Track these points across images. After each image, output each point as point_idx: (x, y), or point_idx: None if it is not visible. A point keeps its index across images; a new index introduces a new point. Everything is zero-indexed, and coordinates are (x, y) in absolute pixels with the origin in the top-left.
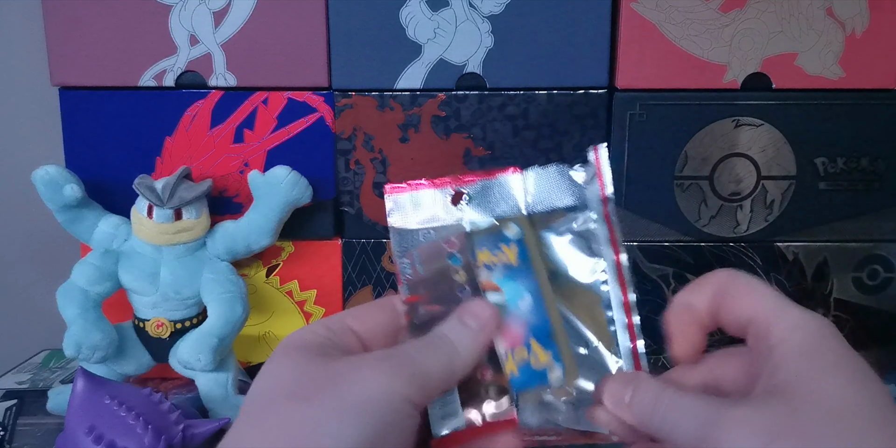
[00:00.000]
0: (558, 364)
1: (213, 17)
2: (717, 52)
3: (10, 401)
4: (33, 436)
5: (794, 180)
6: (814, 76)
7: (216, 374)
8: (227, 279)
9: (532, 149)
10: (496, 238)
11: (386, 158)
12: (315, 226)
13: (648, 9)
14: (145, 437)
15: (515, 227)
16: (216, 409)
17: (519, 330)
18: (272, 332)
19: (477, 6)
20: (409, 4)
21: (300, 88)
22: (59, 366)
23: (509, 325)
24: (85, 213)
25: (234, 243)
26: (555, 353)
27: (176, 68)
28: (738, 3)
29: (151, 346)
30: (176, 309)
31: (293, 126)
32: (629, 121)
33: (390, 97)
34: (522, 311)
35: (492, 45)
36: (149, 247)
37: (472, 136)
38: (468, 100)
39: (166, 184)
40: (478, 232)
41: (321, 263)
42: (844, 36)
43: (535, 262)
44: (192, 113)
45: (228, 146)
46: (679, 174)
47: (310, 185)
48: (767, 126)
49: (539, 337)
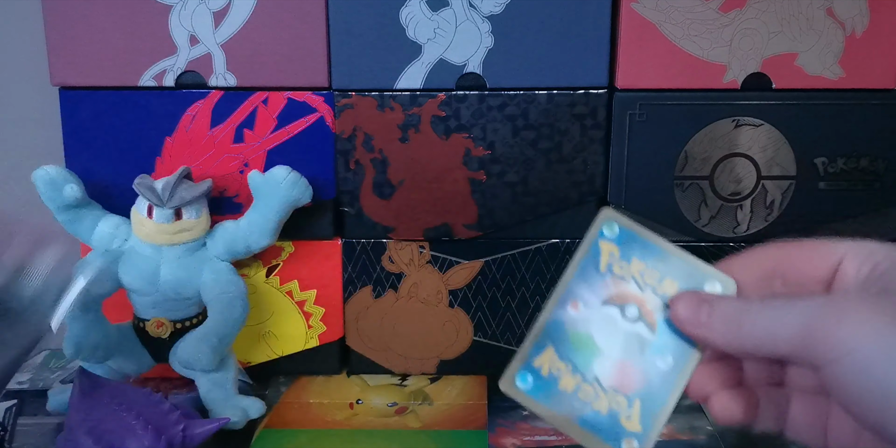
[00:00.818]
0: (638, 443)
1: (213, 17)
2: (717, 52)
3: (10, 401)
4: (33, 436)
5: (794, 180)
6: (814, 76)
7: (216, 374)
8: (227, 279)
9: (532, 149)
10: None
11: (386, 158)
12: (315, 226)
13: (648, 9)
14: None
15: (719, 287)
16: (216, 409)
17: (638, 379)
18: (272, 332)
19: (477, 6)
20: (409, 4)
21: (300, 88)
22: (59, 366)
23: (634, 366)
24: (85, 213)
25: (234, 243)
26: (646, 430)
27: (176, 68)
28: (738, 3)
29: (151, 346)
30: (176, 309)
31: (293, 126)
32: (629, 121)
33: (390, 97)
34: (653, 367)
35: (492, 45)
36: (149, 247)
37: (472, 136)
38: (468, 100)
39: (166, 184)
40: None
41: (321, 263)
42: (844, 36)
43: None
44: (192, 113)
45: (228, 146)
46: (679, 174)
47: (310, 185)
48: (767, 126)
49: (645, 405)
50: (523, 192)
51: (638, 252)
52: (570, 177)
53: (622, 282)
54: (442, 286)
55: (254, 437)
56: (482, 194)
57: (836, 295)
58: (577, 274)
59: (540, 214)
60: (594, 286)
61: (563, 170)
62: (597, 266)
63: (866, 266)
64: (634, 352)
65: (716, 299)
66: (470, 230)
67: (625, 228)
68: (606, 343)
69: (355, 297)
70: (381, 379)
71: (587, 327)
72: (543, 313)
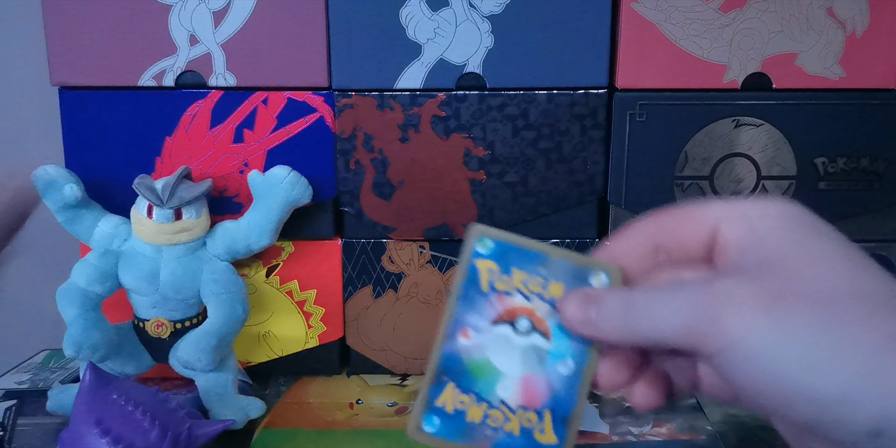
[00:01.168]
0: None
1: (213, 16)
2: (717, 52)
3: (10, 401)
4: (33, 436)
5: (794, 180)
6: (814, 76)
7: (216, 374)
8: (227, 279)
9: (532, 149)
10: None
11: (386, 158)
12: (315, 226)
13: (648, 9)
14: (152, 432)
15: (604, 278)
16: (216, 410)
17: (541, 391)
18: (272, 332)
19: (477, 6)
20: (409, 4)
21: (300, 88)
22: (59, 366)
23: (537, 379)
24: (85, 213)
25: (234, 243)
26: (561, 439)
27: (176, 68)
28: (738, 3)
29: (151, 346)
30: (176, 309)
31: (293, 126)
32: (629, 121)
33: (390, 97)
34: (555, 375)
35: (492, 45)
36: (149, 247)
37: (472, 136)
38: (468, 100)
39: (166, 184)
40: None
41: (321, 263)
42: (844, 36)
43: None
44: (191, 113)
45: (228, 146)
46: (679, 174)
47: (310, 185)
48: (767, 126)
49: (556, 414)
50: (523, 192)
51: (516, 262)
52: (570, 177)
53: (507, 297)
54: (442, 286)
55: (254, 437)
56: (482, 194)
57: (714, 282)
58: (460, 301)
59: (540, 214)
60: (480, 309)
61: (563, 170)
62: (478, 288)
63: (741, 231)
64: (534, 364)
65: (601, 295)
66: None
67: (498, 241)
68: (505, 363)
69: (355, 297)
70: (381, 379)
71: (482, 353)
72: (434, 350)
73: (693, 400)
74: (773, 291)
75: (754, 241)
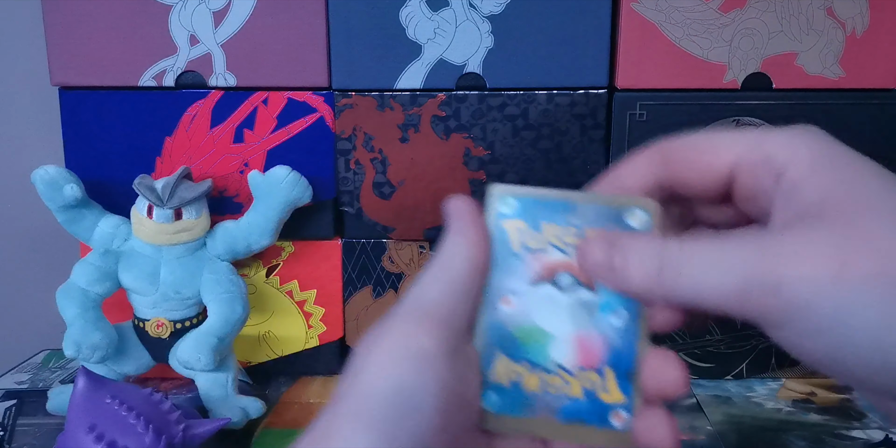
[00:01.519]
0: (626, 413)
1: (213, 17)
2: (717, 52)
3: (10, 401)
4: (33, 436)
5: None
6: (814, 76)
7: (216, 374)
8: (227, 279)
9: (532, 149)
10: (609, 217)
11: (386, 158)
12: (315, 226)
13: (648, 9)
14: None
15: (642, 214)
16: (216, 409)
17: (598, 348)
18: (272, 332)
19: (477, 6)
20: (409, 4)
21: (300, 88)
22: (59, 366)
23: (591, 335)
24: (85, 213)
25: (234, 243)
26: (629, 396)
27: (176, 68)
28: (739, 3)
29: (151, 346)
30: (176, 309)
31: (293, 126)
32: (629, 121)
33: (390, 97)
34: (609, 328)
35: (492, 45)
36: (149, 247)
37: (472, 136)
38: (468, 100)
39: (166, 184)
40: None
41: (321, 263)
42: (844, 36)
43: None
44: (192, 113)
45: (228, 146)
46: None
47: (310, 185)
48: (767, 126)
49: (618, 369)
50: None
51: (545, 215)
52: (570, 177)
53: (542, 254)
54: None
55: (254, 437)
56: (482, 194)
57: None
58: (493, 267)
59: None
60: (517, 272)
61: (563, 170)
62: (510, 250)
63: (768, 179)
64: (585, 320)
65: (629, 242)
66: None
67: (521, 197)
68: (554, 324)
69: (355, 297)
70: None
71: (528, 317)
72: (478, 322)
73: (693, 400)
74: (835, 249)
75: (787, 192)
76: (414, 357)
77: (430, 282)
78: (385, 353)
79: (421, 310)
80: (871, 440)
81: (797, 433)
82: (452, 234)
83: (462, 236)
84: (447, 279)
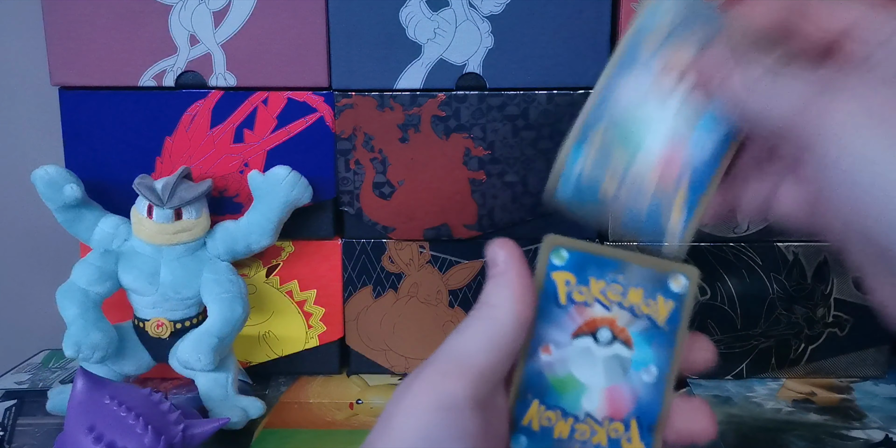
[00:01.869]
0: None
1: (213, 17)
2: None
3: (10, 401)
4: (33, 436)
5: None
6: None
7: (216, 374)
8: (227, 279)
9: (532, 149)
10: (653, 279)
11: (386, 158)
12: (315, 226)
13: None
14: (145, 437)
15: (683, 280)
16: (216, 409)
17: (626, 401)
18: (272, 332)
19: (477, 6)
20: (409, 4)
21: (300, 88)
22: (59, 366)
23: (621, 389)
24: (85, 213)
25: (234, 243)
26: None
27: (176, 68)
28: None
29: (151, 346)
30: (176, 309)
31: (293, 126)
32: None
33: (390, 97)
34: (639, 383)
35: (492, 45)
36: (149, 247)
37: (472, 136)
38: (468, 100)
39: (166, 184)
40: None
41: (321, 263)
42: None
43: (680, 334)
44: (192, 113)
45: (228, 146)
46: None
47: (310, 185)
48: None
49: (641, 422)
50: (523, 192)
51: (594, 271)
52: None
53: (586, 308)
54: (442, 286)
55: (254, 437)
56: (482, 194)
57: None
58: (539, 316)
59: (540, 214)
60: (560, 323)
61: None
62: (556, 301)
63: (876, 38)
64: (618, 374)
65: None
66: (470, 230)
67: (573, 251)
68: (588, 376)
69: (355, 297)
70: (381, 379)
71: (565, 368)
72: (518, 368)
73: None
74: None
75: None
76: (443, 407)
77: (472, 335)
78: (416, 401)
79: (457, 360)
80: (871, 440)
81: (797, 433)
82: (499, 286)
83: (509, 290)
84: (490, 334)
